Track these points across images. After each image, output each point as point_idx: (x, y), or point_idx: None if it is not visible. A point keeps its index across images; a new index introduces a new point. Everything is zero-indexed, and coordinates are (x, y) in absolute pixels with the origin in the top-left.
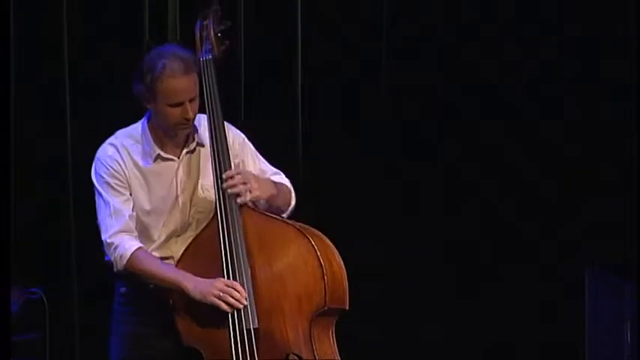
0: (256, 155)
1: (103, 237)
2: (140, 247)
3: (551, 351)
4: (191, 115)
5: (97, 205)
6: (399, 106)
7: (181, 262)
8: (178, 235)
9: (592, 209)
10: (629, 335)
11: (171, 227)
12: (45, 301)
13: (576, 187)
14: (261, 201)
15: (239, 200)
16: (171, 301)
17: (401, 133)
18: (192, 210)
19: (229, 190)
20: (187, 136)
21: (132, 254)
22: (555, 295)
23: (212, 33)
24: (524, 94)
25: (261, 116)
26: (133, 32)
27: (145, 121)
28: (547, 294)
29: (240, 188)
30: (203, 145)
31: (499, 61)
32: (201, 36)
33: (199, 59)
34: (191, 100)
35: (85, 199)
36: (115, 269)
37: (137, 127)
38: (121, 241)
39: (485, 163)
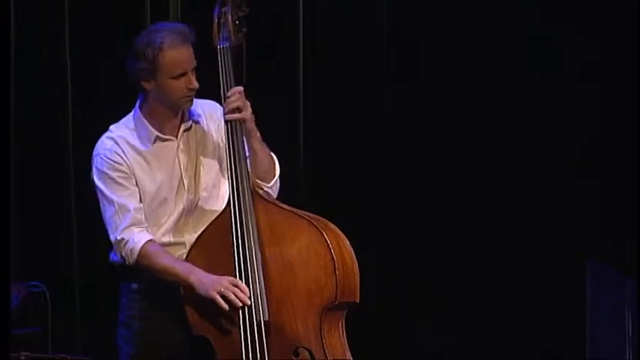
0: None
1: (112, 236)
2: (149, 240)
3: (552, 346)
4: (195, 84)
5: (101, 206)
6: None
7: (194, 249)
8: (187, 216)
9: (592, 206)
10: (630, 330)
11: (180, 207)
12: (47, 294)
13: (577, 183)
14: (247, 150)
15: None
16: (182, 291)
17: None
18: (198, 187)
19: (227, 105)
20: (182, 114)
21: (142, 247)
22: (556, 290)
23: (230, 20)
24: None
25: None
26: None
27: (137, 109)
28: (547, 289)
29: (237, 104)
30: (198, 122)
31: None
32: (218, 23)
33: (216, 47)
34: (192, 70)
35: (87, 194)
36: (127, 263)
37: (129, 118)
38: (131, 236)
39: (485, 162)
